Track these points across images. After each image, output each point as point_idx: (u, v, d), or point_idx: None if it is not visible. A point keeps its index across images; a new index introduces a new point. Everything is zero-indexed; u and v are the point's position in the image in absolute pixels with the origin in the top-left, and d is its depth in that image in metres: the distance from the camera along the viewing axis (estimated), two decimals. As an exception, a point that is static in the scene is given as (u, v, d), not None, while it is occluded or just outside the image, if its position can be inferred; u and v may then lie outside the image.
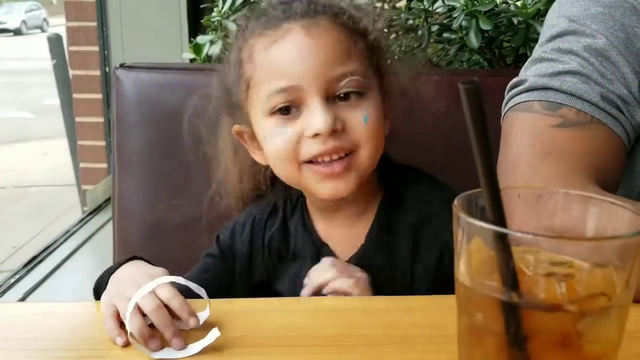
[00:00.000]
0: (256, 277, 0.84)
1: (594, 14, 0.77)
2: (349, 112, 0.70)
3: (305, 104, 0.70)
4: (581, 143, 0.72)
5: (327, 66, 0.69)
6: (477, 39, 1.18)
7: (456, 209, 0.37)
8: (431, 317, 0.61)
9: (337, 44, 0.71)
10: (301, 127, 0.70)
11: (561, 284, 0.36)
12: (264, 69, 0.72)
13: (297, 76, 0.69)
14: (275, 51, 0.71)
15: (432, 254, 0.75)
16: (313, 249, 0.79)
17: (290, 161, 0.71)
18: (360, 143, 0.71)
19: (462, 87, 0.31)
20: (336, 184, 0.71)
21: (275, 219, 0.83)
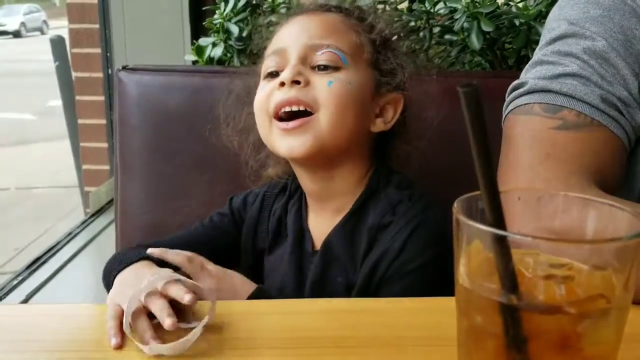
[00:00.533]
0: (259, 245, 0.89)
1: (594, 16, 0.77)
2: (317, 77, 0.77)
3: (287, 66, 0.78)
4: (581, 145, 0.72)
5: (311, 36, 0.79)
6: (478, 40, 1.18)
7: (456, 211, 0.37)
8: (431, 319, 0.61)
9: (328, 22, 0.81)
10: (274, 86, 0.78)
11: (560, 286, 0.36)
12: (271, 43, 0.84)
13: (285, 42, 0.80)
14: (280, 30, 0.84)
15: (373, 257, 0.77)
16: (299, 232, 0.85)
17: (263, 113, 0.79)
18: (319, 103, 0.76)
19: (461, 90, 0.31)
20: (291, 141, 0.76)
21: (283, 196, 0.89)
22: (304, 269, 0.83)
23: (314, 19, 0.82)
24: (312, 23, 0.81)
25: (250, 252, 0.89)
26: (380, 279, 0.75)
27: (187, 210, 1.07)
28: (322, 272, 0.80)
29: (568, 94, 0.73)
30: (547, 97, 0.74)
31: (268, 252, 0.88)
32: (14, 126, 6.58)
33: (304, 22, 0.82)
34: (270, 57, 0.81)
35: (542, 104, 0.75)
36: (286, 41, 0.80)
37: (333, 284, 0.79)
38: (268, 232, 0.88)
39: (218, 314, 0.61)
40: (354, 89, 0.78)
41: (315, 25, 0.81)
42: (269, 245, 0.88)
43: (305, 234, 0.85)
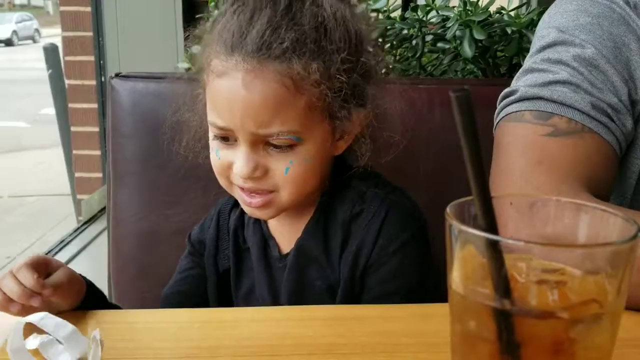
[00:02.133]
0: (222, 264, 0.86)
1: (583, 24, 0.78)
2: (273, 161, 0.72)
3: (237, 143, 0.72)
4: (572, 151, 0.73)
5: (257, 122, 0.69)
6: (470, 48, 1.19)
7: (448, 217, 0.37)
8: (424, 325, 0.61)
9: (275, 101, 0.68)
10: (230, 160, 0.73)
11: (553, 291, 0.36)
12: (210, 96, 0.73)
13: (229, 121, 0.70)
14: (218, 85, 0.70)
15: (352, 249, 0.76)
16: (261, 241, 0.83)
17: (222, 177, 0.76)
18: (279, 187, 0.73)
19: (453, 95, 0.31)
20: (255, 211, 0.76)
21: (237, 209, 0.86)
22: (274, 276, 0.81)
23: (260, 95, 0.68)
24: (254, 105, 0.68)
25: (213, 274, 0.86)
26: (363, 268, 0.75)
27: (180, 218, 1.07)
28: (299, 277, 0.78)
29: (559, 101, 0.74)
30: (538, 104, 0.75)
31: (234, 269, 0.85)
32: (7, 134, 6.55)
33: (246, 101, 0.68)
34: (214, 127, 0.72)
35: (533, 111, 0.75)
36: (229, 121, 0.70)
37: (310, 287, 0.78)
38: (229, 250, 0.85)
39: (210, 322, 0.61)
40: (314, 159, 0.73)
41: (258, 109, 0.68)
42: (234, 262, 0.85)
43: (269, 241, 0.82)
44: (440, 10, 1.27)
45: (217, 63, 0.70)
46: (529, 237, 0.40)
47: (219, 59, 0.70)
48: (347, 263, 0.76)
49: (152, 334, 0.61)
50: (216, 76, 0.70)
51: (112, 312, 0.67)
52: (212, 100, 0.72)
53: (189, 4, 1.87)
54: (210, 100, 0.73)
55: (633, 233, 0.36)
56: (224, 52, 0.69)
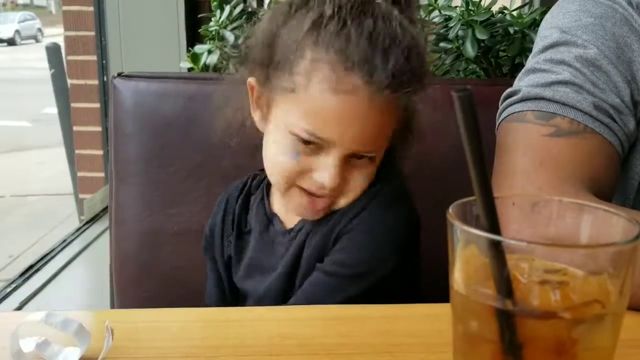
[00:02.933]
0: (227, 251, 0.87)
1: (585, 24, 0.78)
2: (354, 172, 0.74)
3: (327, 153, 0.72)
4: (575, 152, 0.73)
5: (364, 144, 0.72)
6: (473, 48, 1.19)
7: (450, 217, 0.37)
8: (426, 325, 0.61)
9: (381, 126, 0.73)
10: (312, 166, 0.73)
11: (555, 292, 0.36)
12: (313, 105, 0.70)
13: (335, 136, 0.70)
14: (331, 101, 0.69)
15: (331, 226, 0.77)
16: (265, 220, 0.83)
17: (285, 179, 0.75)
18: (346, 195, 0.75)
19: (455, 95, 0.31)
20: (308, 212, 0.76)
21: (241, 195, 0.87)
22: (276, 250, 0.81)
23: (375, 123, 0.70)
24: (371, 129, 0.71)
25: (221, 259, 0.88)
26: (337, 235, 0.76)
27: (183, 217, 1.07)
28: (298, 252, 0.79)
29: (561, 102, 0.74)
30: (540, 104, 0.75)
31: (235, 252, 0.86)
32: (9, 133, 6.56)
33: (364, 125, 0.70)
34: (309, 135, 0.70)
35: (535, 111, 0.75)
36: (335, 136, 0.70)
37: (308, 265, 0.78)
38: (232, 235, 0.87)
39: (212, 322, 0.61)
40: (375, 168, 0.76)
41: (374, 134, 0.72)
42: (235, 245, 0.86)
43: (272, 219, 0.83)
44: (442, 10, 1.27)
45: (332, 76, 0.68)
46: (532, 238, 0.40)
47: (332, 68, 0.68)
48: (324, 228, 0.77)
49: (154, 333, 0.61)
50: (330, 89, 0.68)
51: (114, 311, 0.67)
52: (316, 112, 0.70)
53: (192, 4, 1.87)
54: (311, 109, 0.70)
55: (636, 233, 0.36)
56: (344, 66, 0.68)
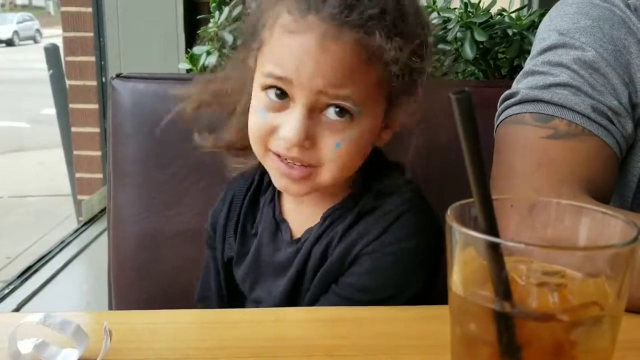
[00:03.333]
0: (227, 254, 0.84)
1: (583, 27, 0.78)
2: (325, 134, 0.69)
3: (293, 102, 0.69)
4: (573, 154, 0.73)
5: (324, 82, 0.67)
6: (472, 50, 1.19)
7: (449, 219, 0.37)
8: (424, 327, 0.61)
9: (345, 65, 0.67)
10: (278, 122, 0.70)
11: (554, 294, 0.36)
12: (273, 49, 0.70)
13: (294, 75, 0.67)
14: (287, 41, 0.68)
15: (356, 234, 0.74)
16: (273, 225, 0.81)
17: (260, 142, 0.72)
18: (324, 163, 0.70)
19: (454, 97, 0.31)
20: (289, 185, 0.72)
21: (248, 192, 0.84)
22: (280, 260, 0.79)
23: (334, 57, 0.66)
24: (330, 63, 0.66)
25: (220, 260, 0.85)
26: (355, 256, 0.73)
27: (181, 218, 1.07)
28: (303, 263, 0.76)
29: (559, 104, 0.74)
30: (538, 106, 0.75)
31: (238, 255, 0.83)
32: (8, 134, 6.55)
33: (320, 61, 0.66)
34: (272, 79, 0.69)
35: (533, 113, 0.75)
36: (294, 75, 0.67)
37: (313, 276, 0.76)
38: (235, 237, 0.83)
39: (210, 324, 0.61)
40: (363, 139, 0.71)
41: (334, 69, 0.67)
42: (238, 246, 0.83)
43: (281, 224, 0.80)
44: (441, 12, 1.27)
45: (289, 19, 0.68)
46: (530, 239, 0.40)
47: (291, 16, 0.68)
48: (343, 247, 0.74)
49: (153, 334, 0.61)
50: (286, 32, 0.68)
51: (112, 312, 0.67)
52: (275, 53, 0.69)
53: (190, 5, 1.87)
54: (271, 53, 0.70)
55: (633, 236, 0.36)
56: (298, 9, 0.68)
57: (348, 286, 0.73)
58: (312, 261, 0.76)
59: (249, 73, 0.76)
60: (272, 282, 0.79)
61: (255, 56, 0.74)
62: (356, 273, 0.73)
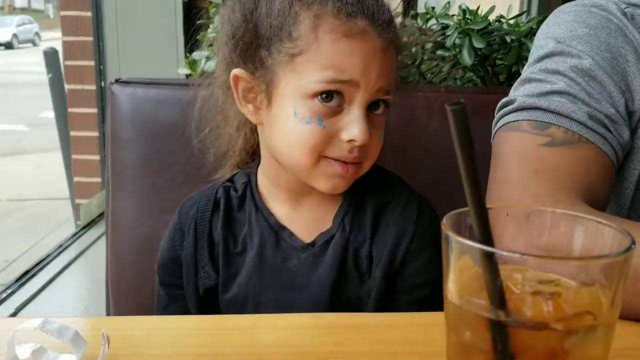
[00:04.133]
0: (203, 283, 0.79)
1: (580, 35, 0.78)
2: (373, 128, 0.73)
3: (350, 104, 0.71)
4: (570, 161, 0.73)
5: (385, 81, 0.72)
6: (470, 56, 1.19)
7: (445, 227, 0.37)
8: (423, 334, 0.61)
9: (392, 64, 0.74)
10: (338, 127, 0.71)
11: (548, 303, 0.36)
12: (329, 54, 0.70)
13: (361, 76, 0.70)
14: (346, 45, 0.70)
15: (390, 236, 0.77)
16: (271, 234, 0.78)
17: (313, 152, 0.72)
18: (369, 156, 0.75)
19: (449, 108, 0.32)
20: (339, 182, 0.74)
21: (219, 211, 0.80)
22: (295, 268, 0.77)
23: (390, 57, 0.73)
24: (388, 64, 0.73)
25: (193, 294, 0.80)
26: (402, 257, 0.77)
27: (179, 223, 1.07)
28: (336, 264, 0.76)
29: (556, 111, 0.74)
30: (535, 114, 0.75)
31: (224, 279, 0.79)
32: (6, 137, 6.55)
33: (383, 59, 0.71)
34: (331, 83, 0.70)
35: (530, 120, 0.76)
36: (361, 76, 0.70)
37: (344, 276, 0.76)
38: (216, 262, 0.79)
39: (208, 330, 0.61)
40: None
41: (389, 68, 0.73)
42: (224, 272, 0.79)
43: (281, 232, 0.78)
44: (440, 19, 1.27)
45: (338, 24, 0.70)
46: (525, 247, 0.40)
47: (339, 20, 0.70)
48: (384, 252, 0.76)
49: (150, 340, 0.61)
50: (342, 36, 0.70)
51: (110, 318, 0.67)
52: (331, 58, 0.70)
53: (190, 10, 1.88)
54: (325, 58, 0.70)
55: (627, 245, 0.36)
56: (346, 13, 0.70)
57: (413, 289, 0.77)
58: (350, 264, 0.77)
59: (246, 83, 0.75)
60: (289, 291, 0.77)
61: (281, 64, 0.72)
62: (413, 273, 0.77)
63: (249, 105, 0.76)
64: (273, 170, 0.80)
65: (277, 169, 0.78)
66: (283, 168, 0.77)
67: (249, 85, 0.75)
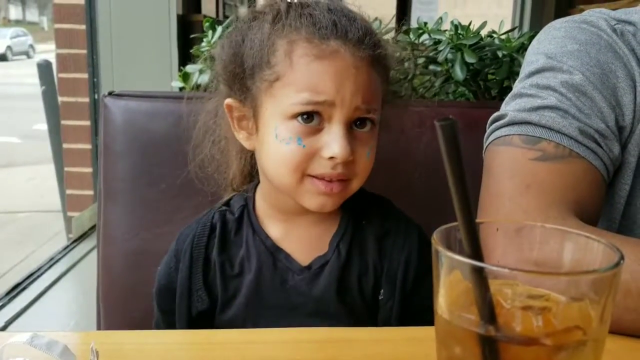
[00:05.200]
0: (196, 307, 0.80)
1: (570, 50, 0.79)
2: (359, 145, 0.74)
3: (330, 122, 0.72)
4: (560, 176, 0.74)
5: (362, 98, 0.72)
6: (462, 71, 1.20)
7: (435, 242, 0.37)
8: (412, 349, 0.61)
9: (372, 81, 0.75)
10: (318, 145, 0.72)
11: (538, 317, 0.36)
12: (303, 77, 0.72)
13: (334, 96, 0.71)
14: (319, 66, 0.72)
15: (396, 265, 0.79)
16: (267, 256, 0.79)
17: (295, 171, 0.73)
18: (358, 174, 0.75)
19: (438, 124, 0.32)
20: (326, 200, 0.75)
21: (214, 237, 0.81)
22: (290, 290, 0.78)
23: (366, 74, 0.73)
24: (364, 81, 0.73)
25: (184, 318, 0.80)
26: (412, 282, 0.79)
27: (171, 237, 1.06)
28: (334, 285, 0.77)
29: (547, 126, 0.75)
30: (526, 129, 0.76)
31: (222, 304, 0.79)
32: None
33: (357, 77, 0.72)
34: (308, 105, 0.71)
35: (521, 135, 0.76)
36: (334, 95, 0.71)
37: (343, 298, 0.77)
38: (210, 287, 0.80)
39: (198, 345, 0.61)
40: (375, 146, 0.78)
41: (366, 85, 0.73)
42: (221, 301, 0.79)
43: (277, 254, 0.79)
44: (432, 34, 1.28)
45: (310, 47, 0.72)
46: (516, 262, 0.41)
47: (311, 44, 0.72)
48: (396, 279, 0.78)
49: (141, 355, 0.61)
50: (315, 59, 0.72)
51: (99, 332, 0.66)
52: (305, 80, 0.72)
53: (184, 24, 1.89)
54: (300, 81, 0.72)
55: (616, 261, 0.36)
56: (319, 36, 0.73)
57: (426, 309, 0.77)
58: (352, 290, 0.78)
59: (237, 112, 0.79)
60: (288, 312, 0.78)
61: (263, 85, 0.74)
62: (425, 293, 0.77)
63: (242, 132, 0.80)
64: (268, 192, 0.82)
65: (272, 190, 0.81)
66: (278, 191, 0.79)
67: (241, 114, 0.79)
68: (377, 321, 0.80)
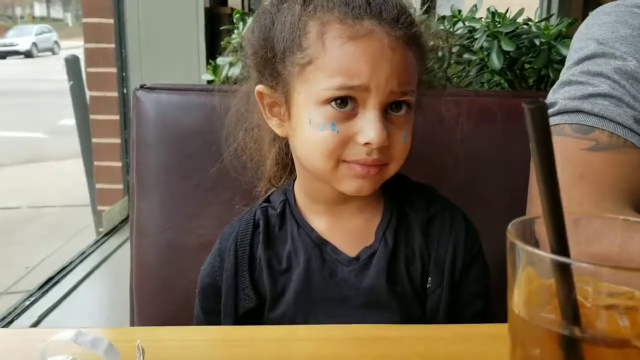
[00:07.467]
0: (242, 306, 0.79)
1: (623, 36, 0.76)
2: (395, 129, 0.71)
3: (364, 107, 0.70)
4: (614, 167, 0.71)
5: (398, 81, 0.70)
6: (499, 60, 1.17)
7: (511, 236, 0.35)
8: (464, 347, 0.59)
9: (408, 63, 0.72)
10: (353, 131, 0.70)
11: (623, 317, 0.34)
12: (336, 60, 0.70)
13: (368, 80, 0.69)
14: (352, 48, 0.69)
15: (445, 251, 0.77)
16: (315, 249, 0.78)
17: (330, 157, 0.71)
18: (394, 158, 0.73)
19: (527, 107, 0.29)
20: (363, 183, 0.72)
21: (258, 232, 0.80)
22: (340, 283, 0.76)
23: (402, 58, 0.70)
24: (399, 63, 0.70)
25: (231, 317, 0.79)
26: (460, 269, 0.77)
27: (204, 230, 1.06)
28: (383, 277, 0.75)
29: (600, 115, 0.72)
30: (578, 117, 0.73)
31: (271, 301, 0.78)
32: (26, 145, 6.62)
33: (393, 59, 0.69)
34: (341, 90, 0.69)
35: (573, 124, 0.73)
36: (368, 79, 0.68)
37: (393, 289, 0.76)
38: (257, 284, 0.78)
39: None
40: (411, 129, 0.75)
41: (402, 67, 0.70)
42: (270, 297, 0.77)
43: (324, 247, 0.77)
44: (466, 22, 1.25)
45: (343, 28, 0.70)
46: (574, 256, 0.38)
47: (345, 24, 0.70)
48: (444, 266, 0.76)
49: (184, 351, 0.60)
50: (349, 40, 0.69)
51: (140, 329, 0.65)
52: (339, 64, 0.69)
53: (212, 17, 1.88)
54: (333, 65, 0.69)
55: None
56: (352, 16, 0.70)
57: (473, 297, 0.78)
58: (401, 278, 0.76)
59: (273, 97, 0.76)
60: (338, 305, 0.76)
61: (294, 75, 0.72)
62: (472, 281, 0.78)
63: (274, 119, 0.78)
64: (308, 183, 0.80)
65: (311, 180, 0.78)
66: (315, 178, 0.77)
67: (272, 100, 0.77)
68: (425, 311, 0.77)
